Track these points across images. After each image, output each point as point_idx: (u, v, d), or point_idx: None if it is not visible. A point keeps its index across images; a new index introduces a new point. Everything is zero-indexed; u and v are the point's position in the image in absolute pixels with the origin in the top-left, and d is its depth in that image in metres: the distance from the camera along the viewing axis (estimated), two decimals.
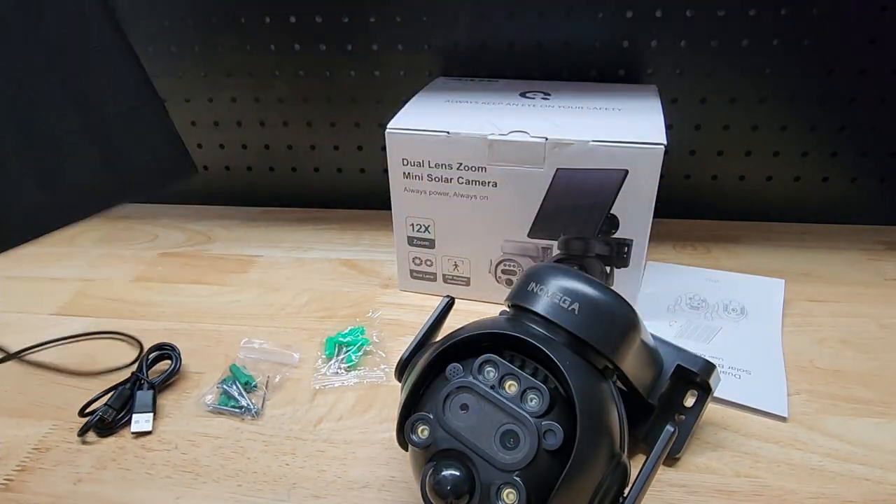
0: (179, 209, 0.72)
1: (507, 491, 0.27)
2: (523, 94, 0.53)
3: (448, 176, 0.48)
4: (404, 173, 0.49)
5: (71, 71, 0.22)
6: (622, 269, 0.48)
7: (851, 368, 0.45)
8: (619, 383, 0.34)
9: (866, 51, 0.55)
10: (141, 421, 0.41)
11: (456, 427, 0.29)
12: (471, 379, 0.29)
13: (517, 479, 0.27)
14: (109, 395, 0.43)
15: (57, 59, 0.21)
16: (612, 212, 0.46)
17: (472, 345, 0.32)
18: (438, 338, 0.37)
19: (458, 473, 0.28)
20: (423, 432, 0.29)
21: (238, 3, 0.60)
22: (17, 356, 0.47)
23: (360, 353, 0.47)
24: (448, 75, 0.61)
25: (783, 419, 0.40)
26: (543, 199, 0.47)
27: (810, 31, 0.55)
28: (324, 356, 0.47)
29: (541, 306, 0.32)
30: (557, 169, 0.45)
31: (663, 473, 0.37)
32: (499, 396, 0.29)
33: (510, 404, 0.28)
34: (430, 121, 0.48)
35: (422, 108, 0.51)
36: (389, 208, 0.51)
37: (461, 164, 0.47)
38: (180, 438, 0.41)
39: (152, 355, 0.46)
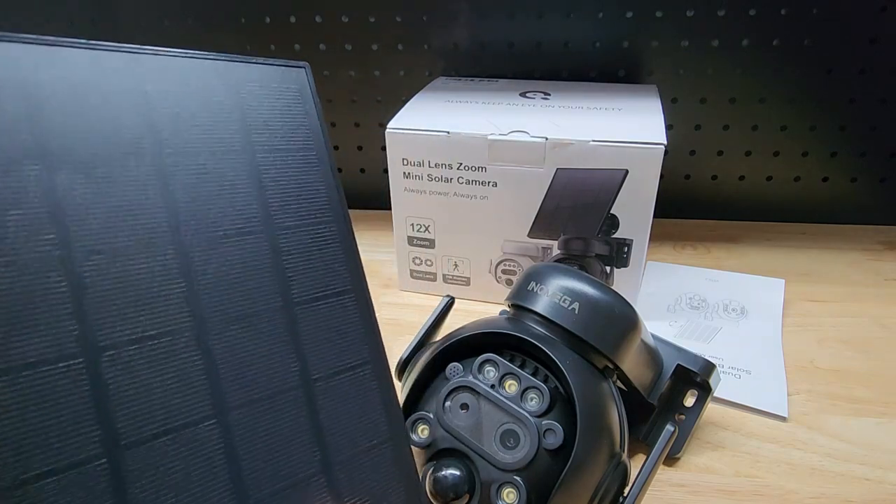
0: None
1: (507, 490, 0.27)
2: (523, 94, 0.53)
3: (448, 176, 0.48)
4: (404, 173, 0.49)
5: None
6: (622, 269, 0.48)
7: (851, 368, 0.45)
8: (619, 383, 0.34)
9: (866, 51, 0.55)
10: None
11: (456, 426, 0.29)
12: (471, 378, 0.29)
13: (517, 478, 0.27)
14: None
15: None
16: (612, 212, 0.46)
17: (472, 344, 0.32)
18: (438, 337, 0.37)
19: (458, 473, 0.28)
20: (423, 432, 0.29)
21: (238, 3, 0.60)
22: None
23: None
24: (448, 75, 0.61)
25: (783, 419, 0.40)
26: (543, 199, 0.47)
27: (810, 31, 0.55)
28: None
29: (541, 306, 0.32)
30: (557, 169, 0.45)
31: (663, 473, 0.37)
32: (499, 396, 0.29)
33: (510, 404, 0.28)
34: (430, 121, 0.48)
35: (422, 108, 0.51)
36: (389, 208, 0.51)
37: (461, 164, 0.47)
38: None
39: None
